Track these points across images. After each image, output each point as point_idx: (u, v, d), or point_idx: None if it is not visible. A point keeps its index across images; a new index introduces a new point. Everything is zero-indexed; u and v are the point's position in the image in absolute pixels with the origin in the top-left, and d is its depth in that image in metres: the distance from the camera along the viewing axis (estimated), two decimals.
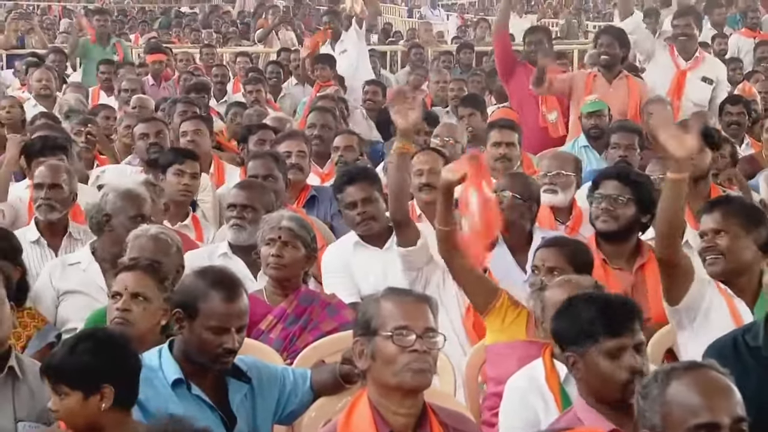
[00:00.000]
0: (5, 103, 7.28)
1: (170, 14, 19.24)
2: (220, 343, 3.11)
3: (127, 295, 3.46)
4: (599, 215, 4.28)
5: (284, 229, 3.97)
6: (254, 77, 8.99)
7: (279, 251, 3.95)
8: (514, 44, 13.42)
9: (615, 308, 2.95)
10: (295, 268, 3.99)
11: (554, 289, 3.43)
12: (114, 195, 4.42)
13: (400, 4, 22.56)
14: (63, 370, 2.86)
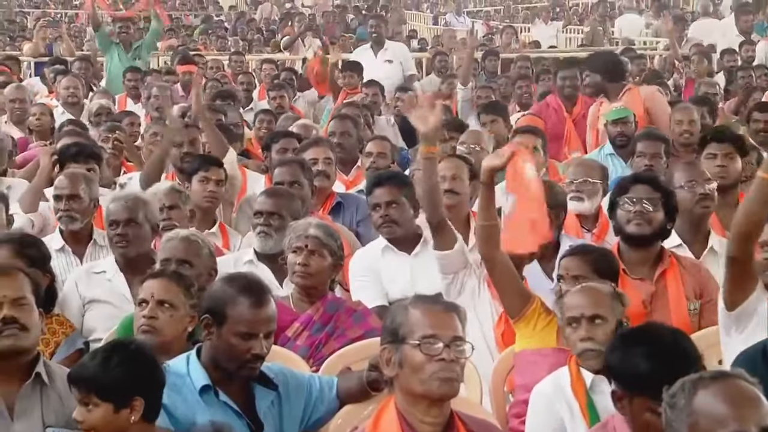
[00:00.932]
0: (35, 110, 7.38)
1: (211, 21, 19.26)
2: (248, 348, 3.12)
3: (153, 303, 3.47)
4: (632, 219, 4.23)
5: (311, 237, 3.98)
6: (277, 83, 9.04)
7: (305, 260, 3.96)
8: (538, 51, 13.46)
9: (671, 367, 2.77)
10: (322, 277, 4.00)
11: (572, 295, 3.42)
12: (122, 203, 4.43)
13: (426, 11, 22.58)
14: (96, 381, 2.87)
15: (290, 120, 7.44)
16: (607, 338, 3.28)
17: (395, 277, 4.58)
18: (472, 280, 4.16)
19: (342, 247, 4.10)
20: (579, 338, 3.34)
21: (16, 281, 3.21)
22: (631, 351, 2.89)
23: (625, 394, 2.86)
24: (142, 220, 4.37)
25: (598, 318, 3.33)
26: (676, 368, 2.67)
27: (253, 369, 3.16)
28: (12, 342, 3.12)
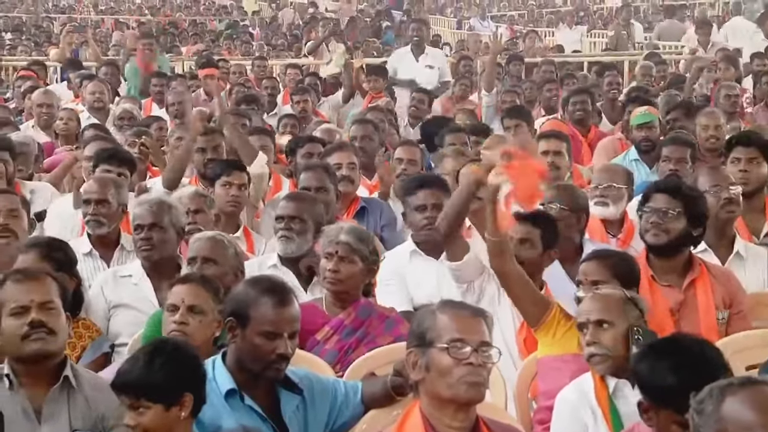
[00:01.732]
0: (63, 114, 7.43)
1: (237, 26, 19.32)
2: (273, 348, 3.13)
3: (183, 308, 3.49)
4: (649, 229, 4.23)
5: (341, 243, 3.97)
6: (301, 88, 9.05)
7: (335, 266, 3.95)
8: (563, 56, 13.42)
9: (698, 382, 2.60)
10: (352, 283, 3.99)
11: (584, 302, 3.43)
12: (147, 207, 4.45)
13: (450, 15, 22.57)
14: (144, 385, 2.88)
15: (318, 125, 7.46)
16: (615, 343, 3.30)
17: (421, 282, 4.58)
18: (491, 287, 4.15)
19: (375, 251, 4.09)
20: (585, 343, 3.37)
21: (44, 285, 3.23)
22: (658, 363, 2.88)
23: (651, 406, 2.85)
24: (167, 225, 4.39)
25: (605, 323, 3.33)
26: (704, 381, 2.57)
27: (279, 370, 3.16)
28: (40, 346, 3.14)
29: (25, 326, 3.14)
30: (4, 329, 3.18)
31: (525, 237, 4.10)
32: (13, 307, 3.18)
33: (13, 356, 3.18)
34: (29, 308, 3.17)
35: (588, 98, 7.61)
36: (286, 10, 21.22)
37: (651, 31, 16.39)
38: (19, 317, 3.16)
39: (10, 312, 3.17)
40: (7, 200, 4.57)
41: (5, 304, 3.19)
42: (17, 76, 10.22)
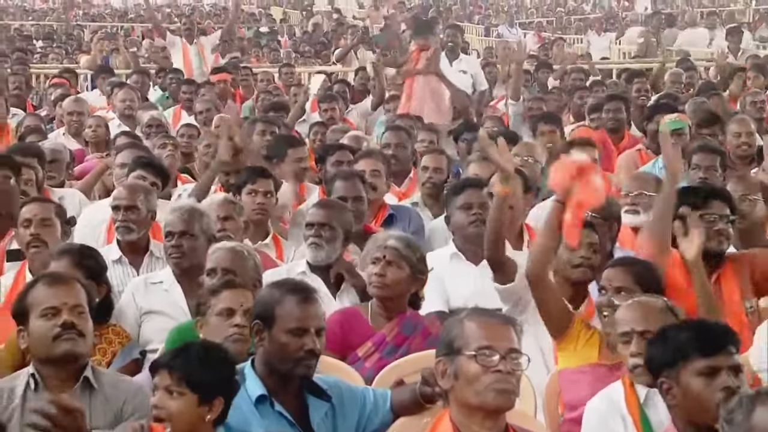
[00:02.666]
0: (92, 122, 7.49)
1: (274, 34, 19.31)
2: (300, 345, 3.14)
3: (241, 312, 3.51)
4: (713, 236, 4.17)
5: (389, 248, 3.98)
6: (329, 95, 9.06)
7: (382, 270, 3.96)
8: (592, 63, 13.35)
9: (709, 329, 2.95)
10: (398, 289, 3.99)
11: (623, 310, 3.40)
12: (178, 214, 4.47)
13: (477, 23, 22.56)
14: (191, 370, 2.89)
15: (339, 132, 7.46)
16: None
17: (459, 285, 4.61)
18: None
19: (424, 260, 4.08)
20: (630, 354, 3.33)
21: (74, 290, 3.28)
22: (664, 333, 2.99)
23: (670, 378, 2.88)
24: (197, 232, 4.40)
25: (649, 333, 3.29)
26: (710, 322, 3.00)
27: (309, 366, 3.16)
28: (70, 346, 3.18)
29: (57, 327, 3.17)
30: (34, 330, 3.21)
31: (592, 242, 4.09)
32: (44, 308, 3.21)
33: (41, 357, 3.21)
34: (61, 310, 3.20)
35: (622, 105, 7.56)
36: (317, 17, 21.27)
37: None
38: (50, 318, 3.19)
39: (41, 313, 3.21)
40: (39, 209, 4.56)
41: (35, 306, 3.23)
42: (49, 83, 10.31)
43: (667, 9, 21.19)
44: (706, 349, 2.87)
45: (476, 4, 26.53)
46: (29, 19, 23.45)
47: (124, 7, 28.17)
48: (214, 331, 3.54)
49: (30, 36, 18.36)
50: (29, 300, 3.26)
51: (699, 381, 2.85)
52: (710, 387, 2.84)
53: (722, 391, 2.82)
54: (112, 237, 5.11)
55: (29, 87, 10.55)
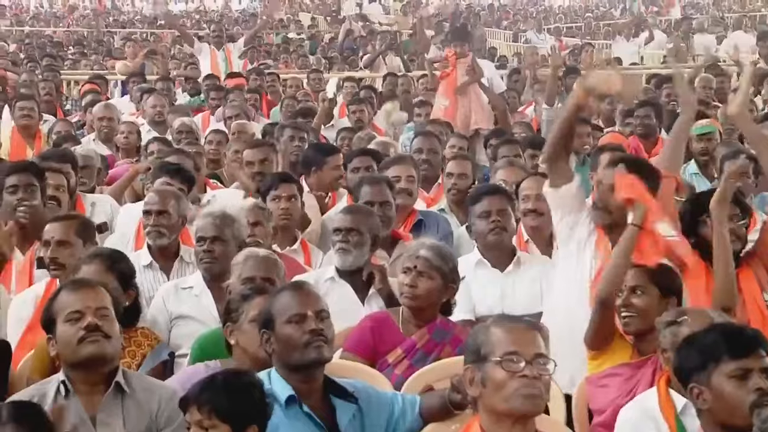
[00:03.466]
0: (124, 128, 7.54)
1: (317, 41, 19.34)
2: (303, 330, 3.18)
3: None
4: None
5: (421, 258, 3.97)
6: (357, 99, 9.07)
7: (413, 281, 3.95)
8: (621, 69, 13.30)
9: (739, 331, 2.95)
10: (430, 299, 3.97)
11: (694, 326, 3.31)
12: (210, 220, 4.49)
13: (505, 28, 22.52)
14: (221, 402, 2.91)
15: (365, 139, 7.46)
16: None
17: (485, 293, 4.60)
18: (582, 230, 4.12)
19: (456, 269, 4.07)
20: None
21: (98, 293, 3.31)
22: (692, 339, 2.99)
23: (701, 383, 2.87)
24: (228, 238, 4.42)
25: None
26: (738, 325, 3.03)
27: (319, 347, 3.18)
28: (95, 348, 3.20)
29: (81, 330, 3.20)
30: (60, 335, 3.25)
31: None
32: (68, 313, 3.24)
33: (69, 362, 3.24)
34: (84, 313, 3.23)
35: (653, 111, 7.52)
36: (345, 23, 21.28)
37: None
38: (74, 322, 3.23)
39: (66, 318, 3.24)
40: (58, 231, 4.39)
41: (61, 312, 3.26)
42: (82, 90, 10.39)
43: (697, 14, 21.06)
44: (737, 351, 2.86)
45: (504, 10, 26.53)
46: (60, 25, 23.66)
47: (154, 13, 28.39)
48: (247, 336, 3.55)
49: (61, 42, 18.50)
50: (55, 307, 3.29)
51: (730, 383, 2.84)
52: (742, 389, 2.82)
53: (754, 393, 2.81)
54: (141, 242, 5.15)
55: (60, 93, 10.63)
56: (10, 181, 4.97)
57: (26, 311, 4.30)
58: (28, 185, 4.97)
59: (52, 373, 3.42)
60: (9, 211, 4.96)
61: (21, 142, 7.77)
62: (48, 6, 30.76)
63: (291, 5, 29.73)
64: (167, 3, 27.22)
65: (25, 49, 16.75)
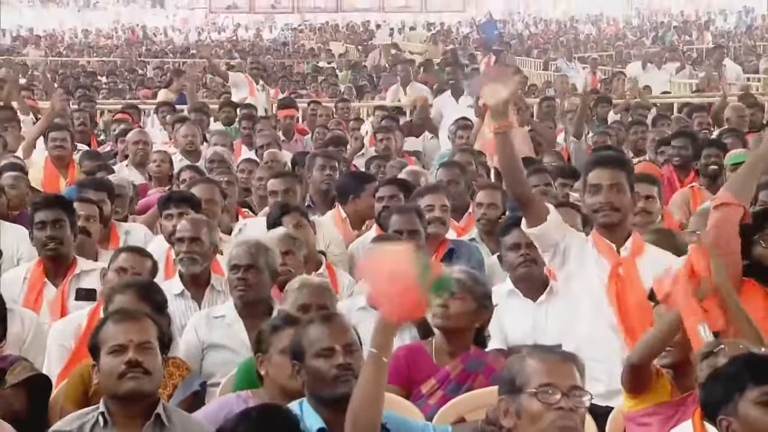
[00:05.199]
0: (156, 157, 7.58)
1: (358, 69, 19.41)
2: (331, 364, 3.18)
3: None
4: None
5: (454, 280, 3.97)
6: (384, 126, 9.06)
7: (445, 302, 3.95)
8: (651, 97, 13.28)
9: (760, 358, 2.91)
10: (462, 321, 3.97)
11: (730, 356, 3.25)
12: (245, 248, 4.50)
13: (535, 57, 22.55)
14: None
15: (397, 167, 7.46)
16: None
17: (517, 323, 4.58)
18: (575, 246, 4.07)
19: (489, 295, 4.07)
20: None
21: (142, 326, 3.32)
22: (715, 373, 2.98)
23: (728, 414, 2.84)
24: (262, 266, 4.44)
25: None
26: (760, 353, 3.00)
27: (347, 382, 3.17)
28: (135, 385, 3.22)
29: (122, 365, 3.22)
30: (103, 367, 3.27)
31: (615, 182, 4.05)
32: (111, 346, 3.26)
33: (109, 394, 3.26)
34: (127, 347, 3.25)
35: (689, 142, 7.45)
36: (374, 51, 21.42)
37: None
38: (117, 356, 3.24)
39: (109, 350, 3.26)
40: (134, 260, 4.51)
41: (105, 343, 3.28)
42: (113, 119, 10.47)
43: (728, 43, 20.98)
44: (760, 377, 2.82)
45: (534, 39, 26.57)
46: (93, 55, 23.93)
47: (186, 43, 28.70)
48: (277, 368, 3.55)
49: (94, 72, 18.70)
50: (100, 336, 3.32)
51: (757, 410, 2.80)
52: None
53: None
54: (170, 272, 5.19)
55: (94, 122, 10.71)
56: (38, 217, 5.01)
57: (68, 342, 4.35)
58: (56, 220, 4.99)
59: (85, 401, 3.44)
60: (38, 248, 5.02)
61: (54, 171, 7.78)
62: (82, 36, 31.13)
63: (321, 35, 29.96)
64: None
65: (60, 79, 16.94)
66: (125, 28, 33.27)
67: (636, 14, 37.46)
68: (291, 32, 31.71)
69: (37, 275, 4.99)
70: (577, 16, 35.94)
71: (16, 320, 4.38)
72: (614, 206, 4.04)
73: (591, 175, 4.10)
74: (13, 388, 3.68)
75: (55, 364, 4.31)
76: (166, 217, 5.52)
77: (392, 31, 26.23)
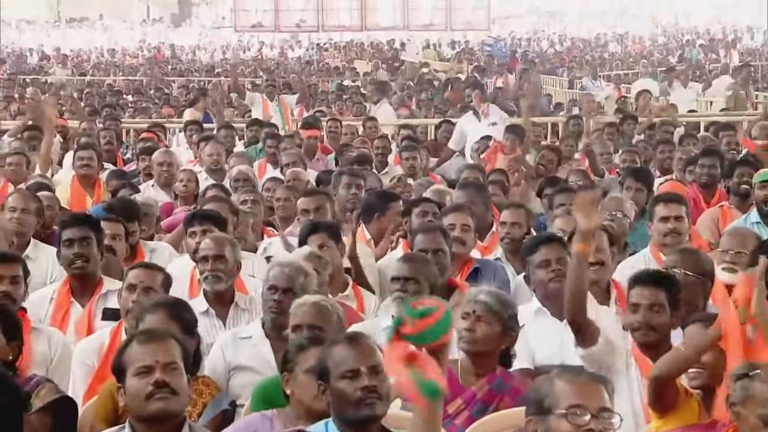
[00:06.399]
0: (182, 176, 7.59)
1: (385, 88, 19.44)
2: (355, 387, 3.17)
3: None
4: None
5: (479, 303, 3.96)
6: (409, 145, 9.05)
7: (471, 325, 3.94)
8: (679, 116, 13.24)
9: None
10: (489, 345, 3.96)
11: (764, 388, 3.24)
12: (284, 271, 4.50)
13: (561, 75, 22.53)
14: None
15: (424, 185, 7.46)
16: None
17: (544, 342, 4.55)
18: (619, 361, 4.03)
19: (515, 317, 4.04)
20: None
21: (168, 346, 3.32)
22: None
23: None
24: (298, 291, 4.41)
25: None
26: None
27: (371, 405, 3.17)
28: (163, 405, 3.22)
29: (150, 386, 3.22)
30: (129, 389, 3.27)
31: (654, 302, 4.03)
32: (137, 367, 3.27)
33: (136, 415, 3.27)
34: (153, 368, 3.25)
35: (717, 161, 7.39)
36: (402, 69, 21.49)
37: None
38: (143, 377, 3.25)
39: (135, 372, 3.27)
40: (145, 276, 4.49)
41: (131, 365, 3.29)
42: (139, 138, 10.52)
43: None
44: None
45: (559, 57, 26.55)
46: (119, 74, 24.11)
47: (211, 62, 28.86)
48: (303, 388, 3.55)
49: (120, 91, 18.83)
50: (125, 358, 3.32)
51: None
52: None
53: None
54: (195, 290, 5.20)
55: (120, 142, 10.75)
56: (66, 235, 5.03)
57: (90, 360, 4.36)
58: (84, 238, 5.01)
59: (115, 419, 3.45)
60: (65, 265, 5.04)
61: (81, 190, 7.84)
62: (109, 56, 31.38)
63: (346, 53, 30.07)
64: (240, 53, 27.77)
65: (86, 98, 17.07)
66: (151, 47, 33.49)
67: (662, 32, 37.36)
68: (316, 51, 31.85)
69: (64, 295, 5.02)
70: (602, 34, 35.90)
71: (42, 340, 4.42)
72: (651, 326, 4.03)
73: (631, 293, 4.14)
74: (39, 412, 3.69)
75: (80, 384, 4.33)
76: (191, 235, 5.55)
77: (418, 49, 26.28)
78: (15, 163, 7.84)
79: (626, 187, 6.91)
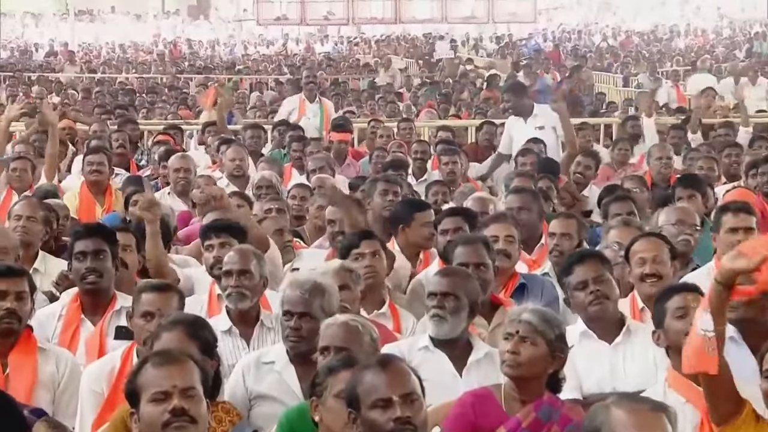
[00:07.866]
0: (200, 182, 7.51)
1: (438, 86, 19.40)
2: (388, 417, 3.17)
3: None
4: None
5: (523, 322, 3.95)
6: (449, 148, 9.00)
7: (515, 347, 3.92)
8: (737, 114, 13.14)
9: None
10: (534, 368, 3.93)
11: None
12: (299, 293, 4.44)
13: (616, 72, 22.42)
14: None
15: (467, 193, 7.43)
16: None
17: (592, 368, 4.53)
18: None
19: (563, 337, 4.02)
20: None
21: (186, 370, 3.32)
22: None
23: None
24: (317, 313, 4.34)
25: None
26: None
27: None
28: None
29: (167, 413, 3.23)
30: (144, 416, 3.27)
31: None
32: (153, 393, 3.26)
33: None
34: (171, 394, 3.25)
35: None
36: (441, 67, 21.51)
37: None
38: (160, 404, 3.25)
39: (151, 398, 3.26)
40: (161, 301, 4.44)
41: (146, 390, 3.28)
42: (153, 140, 10.51)
43: None
44: None
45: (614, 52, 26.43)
46: (132, 71, 24.24)
47: (231, 58, 29.01)
48: (332, 414, 3.54)
49: (133, 90, 18.90)
50: (139, 382, 3.31)
51: None
52: None
53: None
54: (214, 307, 5.18)
55: (134, 145, 10.72)
56: (78, 247, 4.98)
57: (100, 387, 4.35)
58: (98, 251, 4.96)
59: None
60: (77, 280, 5.01)
61: (90, 198, 7.78)
62: (120, 51, 31.59)
63: (379, 48, 30.10)
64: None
65: (96, 97, 17.15)
66: (166, 42, 33.68)
67: (727, 24, 37.09)
68: (345, 47, 31.91)
69: (74, 311, 4.99)
70: (661, 26, 35.71)
71: (50, 360, 4.43)
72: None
73: (675, 299, 4.13)
74: None
75: (88, 413, 4.32)
76: (207, 248, 5.49)
77: (455, 44, 26.18)
78: (20, 168, 7.79)
79: (678, 197, 6.84)
